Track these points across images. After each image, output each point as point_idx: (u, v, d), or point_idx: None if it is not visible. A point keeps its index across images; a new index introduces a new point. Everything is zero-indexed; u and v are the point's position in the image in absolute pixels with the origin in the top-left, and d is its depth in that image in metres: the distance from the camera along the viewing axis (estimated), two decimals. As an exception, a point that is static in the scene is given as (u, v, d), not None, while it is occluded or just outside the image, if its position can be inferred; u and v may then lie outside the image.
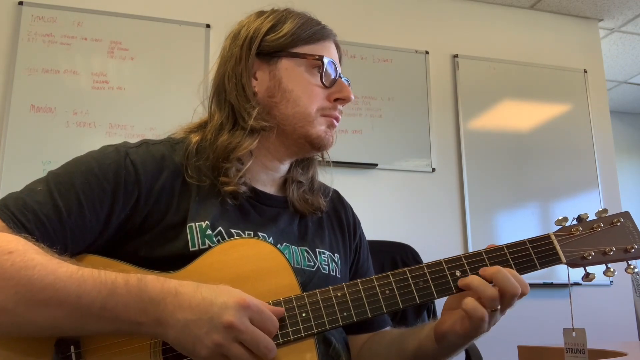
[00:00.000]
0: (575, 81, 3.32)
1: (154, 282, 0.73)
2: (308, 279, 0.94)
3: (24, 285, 0.69)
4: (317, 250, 0.99)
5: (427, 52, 3.08)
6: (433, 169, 2.94)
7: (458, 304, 0.83)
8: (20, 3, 2.51)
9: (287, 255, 0.85)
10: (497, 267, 0.81)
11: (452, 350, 0.89)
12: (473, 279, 0.81)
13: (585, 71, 3.35)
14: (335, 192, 1.14)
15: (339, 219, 1.10)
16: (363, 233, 1.15)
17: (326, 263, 0.99)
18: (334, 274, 1.00)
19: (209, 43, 2.71)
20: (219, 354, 0.71)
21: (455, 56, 3.14)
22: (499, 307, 0.80)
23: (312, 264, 0.97)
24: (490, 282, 0.81)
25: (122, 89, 2.57)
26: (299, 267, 0.95)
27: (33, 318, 0.70)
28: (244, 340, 0.72)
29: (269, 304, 0.79)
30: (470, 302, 0.79)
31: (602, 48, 3.59)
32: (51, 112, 2.45)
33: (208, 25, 2.73)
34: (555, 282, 2.91)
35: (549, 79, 3.26)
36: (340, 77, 0.98)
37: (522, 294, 0.81)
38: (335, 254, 1.03)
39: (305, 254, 0.97)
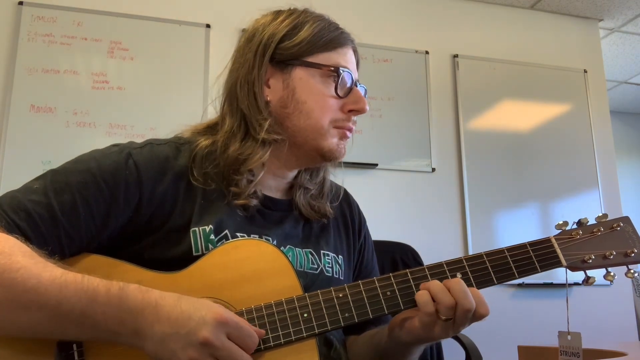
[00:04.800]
0: (575, 81, 3.32)
1: (135, 292, 0.73)
2: (311, 282, 0.93)
3: (6, 287, 0.70)
4: (321, 252, 0.99)
5: (427, 52, 3.08)
6: (433, 169, 2.94)
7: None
8: (20, 3, 2.51)
9: (290, 258, 0.85)
10: (458, 280, 0.81)
11: (404, 348, 0.88)
12: (433, 284, 0.80)
13: (585, 71, 3.35)
14: (343, 190, 1.12)
15: (344, 217, 1.09)
16: (368, 233, 1.14)
17: (330, 265, 0.99)
18: (337, 276, 0.99)
19: (209, 43, 2.71)
20: None
21: (455, 56, 3.14)
22: (451, 318, 0.79)
23: (316, 266, 0.96)
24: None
25: (122, 89, 2.56)
26: (302, 269, 0.94)
27: (14, 320, 0.71)
28: (220, 356, 0.71)
29: (270, 303, 0.79)
30: (424, 295, 0.80)
31: (602, 48, 3.59)
32: (51, 112, 2.45)
33: (208, 25, 2.73)
34: (555, 282, 2.91)
35: (549, 79, 3.26)
36: (357, 86, 0.96)
37: (480, 315, 0.80)
38: (340, 256, 1.03)
39: (310, 256, 0.97)
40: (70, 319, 0.71)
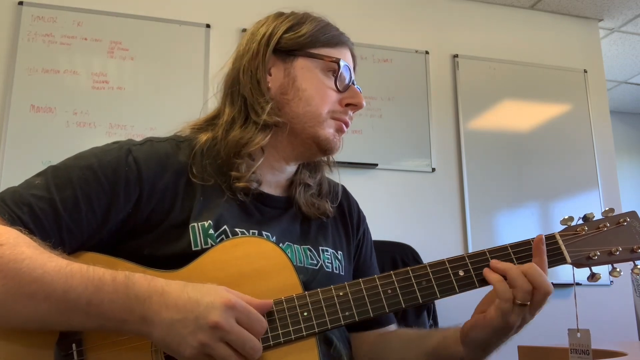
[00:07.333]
0: (575, 81, 3.32)
1: (141, 280, 0.73)
2: (311, 277, 0.94)
3: (12, 278, 0.70)
4: (320, 248, 0.99)
5: (427, 52, 3.08)
6: (433, 169, 2.94)
7: (489, 306, 0.83)
8: (20, 3, 2.50)
9: (289, 255, 0.85)
10: (532, 264, 0.81)
11: (479, 350, 0.87)
12: (509, 269, 0.81)
13: (585, 71, 3.35)
14: (341, 187, 1.13)
15: (342, 214, 1.09)
16: (368, 229, 1.15)
17: (329, 261, 0.99)
18: (337, 271, 0.99)
19: (209, 43, 2.70)
20: (204, 353, 0.71)
21: (455, 56, 3.14)
22: (527, 303, 0.80)
23: (315, 262, 0.97)
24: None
25: (122, 89, 2.56)
26: (302, 265, 0.94)
27: (19, 310, 0.71)
28: (230, 340, 0.71)
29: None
30: (501, 282, 0.80)
31: (602, 48, 3.59)
32: (51, 112, 2.45)
33: (208, 25, 2.73)
34: (555, 282, 2.91)
35: (549, 79, 3.26)
36: (354, 84, 0.99)
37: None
38: (339, 252, 1.03)
39: (308, 252, 0.97)
40: (76, 308, 0.71)
